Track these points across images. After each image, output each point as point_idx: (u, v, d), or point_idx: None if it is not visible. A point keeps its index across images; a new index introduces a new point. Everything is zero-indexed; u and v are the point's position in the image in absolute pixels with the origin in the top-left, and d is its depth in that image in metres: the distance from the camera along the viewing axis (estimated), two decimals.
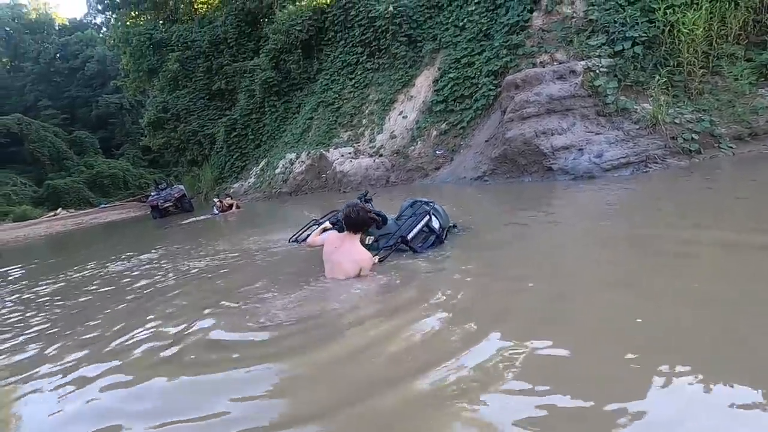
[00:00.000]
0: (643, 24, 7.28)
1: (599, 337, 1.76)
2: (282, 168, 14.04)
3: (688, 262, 2.49)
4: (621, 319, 1.89)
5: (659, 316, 1.85)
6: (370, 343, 2.06)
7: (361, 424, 1.45)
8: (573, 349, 1.66)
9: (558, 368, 1.56)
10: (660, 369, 1.45)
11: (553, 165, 6.30)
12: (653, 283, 2.23)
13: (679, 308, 1.91)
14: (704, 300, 1.94)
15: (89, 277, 5.07)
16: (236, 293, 3.27)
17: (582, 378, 1.48)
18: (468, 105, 9.90)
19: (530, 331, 1.85)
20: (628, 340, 1.69)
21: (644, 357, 1.54)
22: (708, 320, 1.77)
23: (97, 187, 35.85)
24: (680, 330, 1.74)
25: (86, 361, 2.33)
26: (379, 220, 3.42)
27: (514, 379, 1.52)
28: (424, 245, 3.51)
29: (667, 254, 2.65)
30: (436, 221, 3.62)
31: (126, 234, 12.49)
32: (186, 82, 20.97)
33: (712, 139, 5.92)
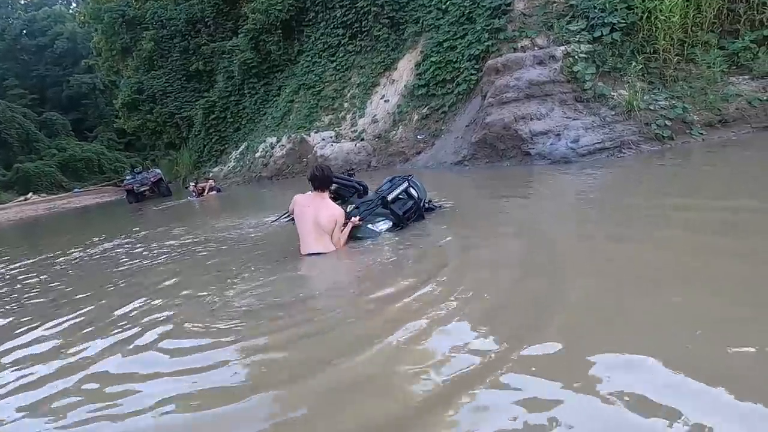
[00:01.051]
0: (622, 10, 7.33)
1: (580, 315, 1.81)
2: (262, 152, 13.81)
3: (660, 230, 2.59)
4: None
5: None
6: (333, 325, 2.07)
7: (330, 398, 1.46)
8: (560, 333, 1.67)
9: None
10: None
11: (531, 150, 6.37)
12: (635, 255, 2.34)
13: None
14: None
15: (54, 262, 4.93)
16: (207, 277, 3.23)
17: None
18: (449, 89, 9.86)
19: (523, 329, 1.79)
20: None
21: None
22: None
23: (70, 171, 34.66)
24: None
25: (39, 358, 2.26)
26: (361, 189, 3.70)
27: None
28: (403, 208, 3.66)
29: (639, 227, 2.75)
30: (414, 191, 3.79)
31: (99, 219, 12.15)
32: (162, 62, 20.22)
33: (684, 125, 6.06)
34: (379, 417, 1.32)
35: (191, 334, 2.17)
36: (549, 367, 1.40)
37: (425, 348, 1.66)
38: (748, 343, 1.39)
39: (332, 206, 3.26)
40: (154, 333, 2.24)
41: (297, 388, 1.55)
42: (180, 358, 1.93)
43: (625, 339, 1.52)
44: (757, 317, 1.55)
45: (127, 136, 36.19)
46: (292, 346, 1.90)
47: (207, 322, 2.27)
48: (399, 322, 1.90)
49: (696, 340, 1.44)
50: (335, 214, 3.21)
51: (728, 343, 1.39)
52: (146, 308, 2.68)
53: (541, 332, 1.63)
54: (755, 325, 1.51)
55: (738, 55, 6.63)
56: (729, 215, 2.79)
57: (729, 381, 1.22)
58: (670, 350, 1.39)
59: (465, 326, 1.79)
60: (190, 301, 2.72)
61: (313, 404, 1.45)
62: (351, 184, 3.86)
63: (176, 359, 1.93)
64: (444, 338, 1.71)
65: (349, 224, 3.38)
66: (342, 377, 1.57)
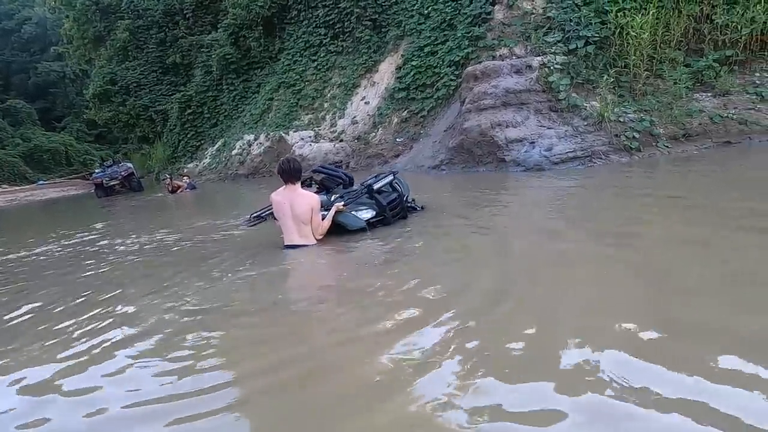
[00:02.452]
0: (596, 24, 7.58)
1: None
2: (239, 149, 13.58)
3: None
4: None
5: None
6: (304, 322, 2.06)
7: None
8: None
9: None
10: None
11: (506, 156, 6.50)
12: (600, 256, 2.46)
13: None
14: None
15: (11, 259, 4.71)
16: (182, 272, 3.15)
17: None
18: (429, 94, 9.95)
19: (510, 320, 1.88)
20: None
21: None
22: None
23: (35, 162, 33.10)
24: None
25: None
26: (347, 181, 3.92)
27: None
28: (387, 199, 3.81)
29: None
30: (399, 187, 3.98)
31: (63, 212, 11.68)
32: (137, 53, 19.65)
33: (651, 138, 6.31)
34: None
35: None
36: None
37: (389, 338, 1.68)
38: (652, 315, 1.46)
39: (306, 195, 3.35)
40: (124, 337, 2.17)
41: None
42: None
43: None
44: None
45: (97, 128, 34.90)
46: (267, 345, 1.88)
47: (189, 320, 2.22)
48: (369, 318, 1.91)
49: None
50: (310, 202, 3.31)
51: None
52: (118, 311, 2.59)
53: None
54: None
55: (702, 72, 6.96)
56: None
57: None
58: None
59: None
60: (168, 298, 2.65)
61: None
62: (337, 174, 4.03)
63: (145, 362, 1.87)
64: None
65: (333, 208, 3.51)
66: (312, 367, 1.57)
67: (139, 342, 2.04)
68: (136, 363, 1.84)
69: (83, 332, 2.24)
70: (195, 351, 1.86)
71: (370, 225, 3.72)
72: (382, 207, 3.76)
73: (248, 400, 1.49)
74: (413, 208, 4.21)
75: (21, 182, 29.85)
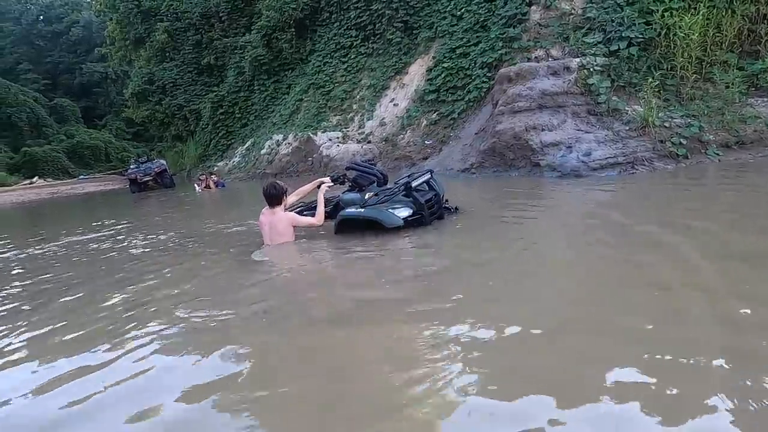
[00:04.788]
0: (640, 25, 7.20)
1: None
2: (268, 149, 13.72)
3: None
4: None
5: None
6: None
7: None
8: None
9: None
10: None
11: (541, 161, 6.22)
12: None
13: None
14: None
15: (42, 250, 4.82)
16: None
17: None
18: (460, 96, 9.74)
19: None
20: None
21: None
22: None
23: (77, 158, 34.76)
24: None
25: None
26: (381, 178, 3.94)
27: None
28: (425, 197, 3.75)
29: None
30: (435, 185, 3.92)
31: (103, 205, 12.09)
32: (174, 54, 20.27)
33: (699, 144, 5.90)
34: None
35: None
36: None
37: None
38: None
39: (282, 217, 3.66)
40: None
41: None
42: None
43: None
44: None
45: (135, 126, 36.32)
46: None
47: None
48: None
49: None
50: (286, 220, 3.66)
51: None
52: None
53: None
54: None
55: (757, 76, 6.49)
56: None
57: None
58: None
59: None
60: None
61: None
62: (372, 172, 3.96)
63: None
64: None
65: (320, 192, 3.76)
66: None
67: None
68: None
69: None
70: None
71: (407, 224, 3.60)
72: (419, 205, 3.65)
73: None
74: (448, 209, 4.09)
75: (63, 176, 31.37)
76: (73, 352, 1.93)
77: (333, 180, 4.04)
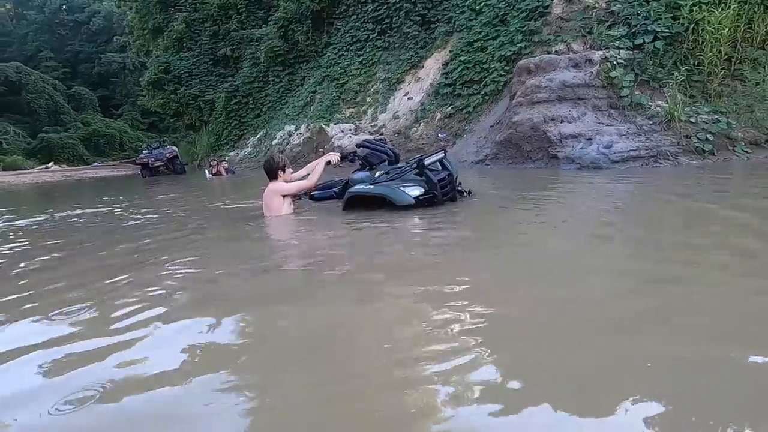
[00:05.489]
0: (667, 19, 6.97)
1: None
2: (279, 139, 13.67)
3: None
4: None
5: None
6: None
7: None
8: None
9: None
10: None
11: (559, 153, 6.02)
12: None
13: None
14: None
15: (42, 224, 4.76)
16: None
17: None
18: (476, 90, 9.56)
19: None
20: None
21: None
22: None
23: (92, 146, 35.19)
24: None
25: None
26: (392, 156, 3.86)
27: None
28: (438, 176, 3.62)
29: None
30: (449, 165, 3.79)
31: (113, 187, 12.12)
32: (191, 44, 20.38)
33: (727, 141, 5.66)
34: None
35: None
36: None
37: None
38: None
39: (270, 188, 3.70)
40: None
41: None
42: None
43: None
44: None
45: (150, 117, 36.70)
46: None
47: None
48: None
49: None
50: (272, 191, 3.68)
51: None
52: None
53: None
54: None
55: None
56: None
57: None
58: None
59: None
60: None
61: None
62: (383, 150, 3.85)
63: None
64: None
65: (322, 161, 3.82)
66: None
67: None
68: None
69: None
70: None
71: (418, 203, 3.46)
72: (432, 184, 3.50)
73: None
74: (461, 192, 3.93)
75: (78, 163, 31.76)
76: (66, 308, 1.83)
77: (342, 157, 3.97)
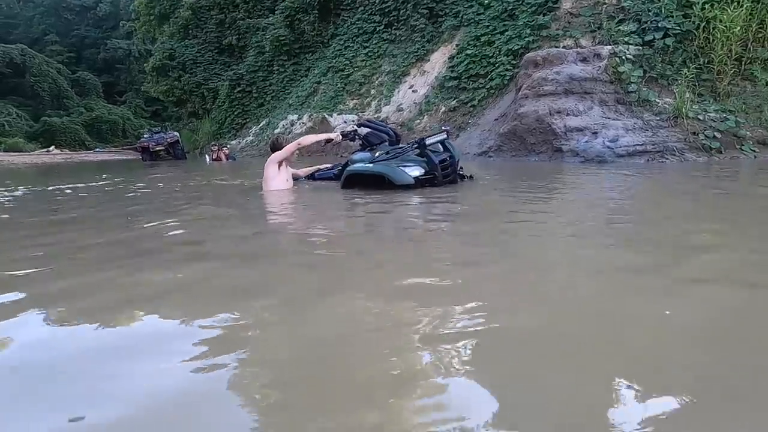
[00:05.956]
0: (678, 17, 6.88)
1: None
2: (282, 128, 13.57)
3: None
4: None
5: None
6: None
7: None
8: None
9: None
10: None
11: (564, 146, 5.93)
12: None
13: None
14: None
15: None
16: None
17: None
18: (482, 84, 9.46)
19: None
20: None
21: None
22: None
23: (95, 131, 35.10)
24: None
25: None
26: (393, 137, 3.87)
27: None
28: (439, 157, 3.57)
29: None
30: (450, 147, 3.76)
31: (113, 169, 12.04)
32: (196, 32, 20.30)
33: (734, 139, 5.57)
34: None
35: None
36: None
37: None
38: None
39: (272, 157, 3.91)
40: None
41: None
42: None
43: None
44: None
45: (154, 105, 36.63)
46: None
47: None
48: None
49: None
50: (275, 157, 3.87)
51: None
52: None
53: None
54: None
55: None
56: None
57: None
58: None
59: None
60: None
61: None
62: (384, 130, 3.86)
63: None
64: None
65: (323, 136, 4.24)
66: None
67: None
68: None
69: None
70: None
71: (418, 183, 3.41)
72: (432, 165, 3.46)
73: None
74: (462, 176, 3.88)
75: (80, 149, 31.67)
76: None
77: (344, 135, 4.01)
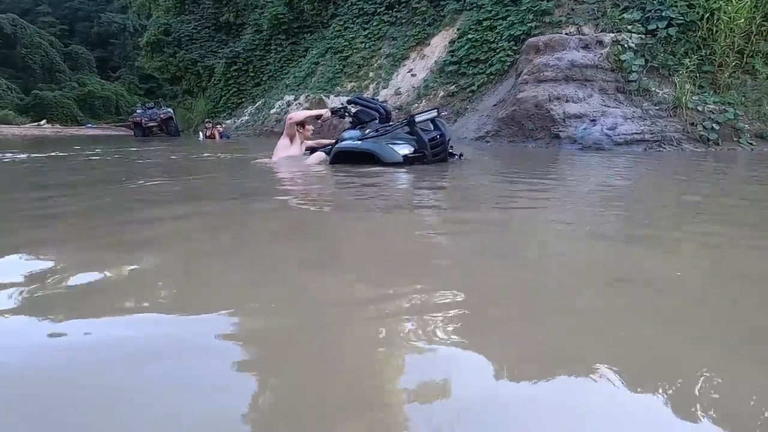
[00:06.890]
0: (682, 6, 6.79)
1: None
2: (278, 108, 13.38)
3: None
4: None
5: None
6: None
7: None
8: None
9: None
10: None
11: (561, 132, 5.88)
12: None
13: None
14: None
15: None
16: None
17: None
18: (482, 69, 9.35)
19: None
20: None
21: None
22: None
23: (87, 107, 34.48)
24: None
25: None
26: (384, 114, 3.81)
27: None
28: (429, 135, 3.53)
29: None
30: (441, 126, 3.70)
31: (105, 143, 11.84)
32: (193, 7, 19.83)
33: (732, 131, 5.56)
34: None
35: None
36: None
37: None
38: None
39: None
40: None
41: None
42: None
43: None
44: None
45: (148, 82, 35.96)
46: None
47: None
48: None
49: None
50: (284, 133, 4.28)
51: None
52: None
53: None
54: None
55: None
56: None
57: None
58: None
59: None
60: None
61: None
62: (374, 107, 3.77)
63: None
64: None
65: (314, 112, 4.41)
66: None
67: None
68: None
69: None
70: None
71: (406, 161, 3.35)
72: (422, 143, 3.41)
73: None
74: (452, 155, 3.85)
75: (71, 123, 31.10)
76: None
77: (333, 112, 4.03)
